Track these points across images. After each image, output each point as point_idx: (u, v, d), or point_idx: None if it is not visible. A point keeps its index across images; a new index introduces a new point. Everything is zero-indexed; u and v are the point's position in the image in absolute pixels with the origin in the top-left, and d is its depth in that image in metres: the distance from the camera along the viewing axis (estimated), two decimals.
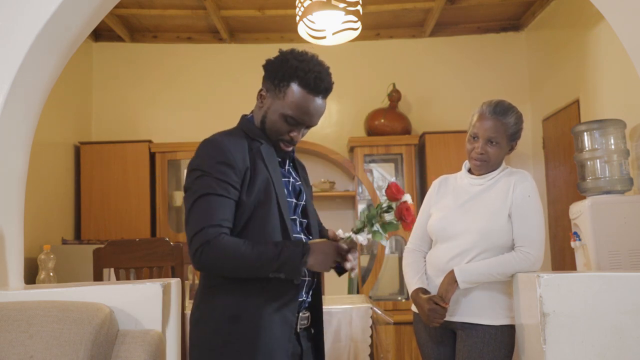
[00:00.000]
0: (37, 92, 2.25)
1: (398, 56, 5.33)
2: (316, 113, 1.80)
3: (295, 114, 1.77)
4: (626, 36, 2.33)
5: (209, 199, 1.68)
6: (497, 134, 2.26)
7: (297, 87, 1.76)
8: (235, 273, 1.71)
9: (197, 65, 5.28)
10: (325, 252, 1.70)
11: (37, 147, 2.45)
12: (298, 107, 1.77)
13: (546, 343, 1.86)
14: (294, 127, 1.80)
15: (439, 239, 2.34)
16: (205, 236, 1.65)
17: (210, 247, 1.65)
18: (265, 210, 1.73)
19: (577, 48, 4.22)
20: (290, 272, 1.67)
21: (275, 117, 1.79)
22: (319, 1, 3.25)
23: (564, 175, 4.46)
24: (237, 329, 1.70)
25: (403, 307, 4.70)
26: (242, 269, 1.69)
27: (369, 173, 5.02)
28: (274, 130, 1.81)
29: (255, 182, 1.73)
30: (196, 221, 1.68)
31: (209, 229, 1.66)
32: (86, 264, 3.31)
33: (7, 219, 2.13)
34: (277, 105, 1.78)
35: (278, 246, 1.67)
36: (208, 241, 1.65)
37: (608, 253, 3.01)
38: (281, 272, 1.67)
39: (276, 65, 1.79)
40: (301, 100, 1.76)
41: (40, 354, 1.66)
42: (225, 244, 1.66)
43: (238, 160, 1.71)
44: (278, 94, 1.78)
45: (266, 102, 1.81)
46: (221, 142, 1.74)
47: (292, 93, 1.76)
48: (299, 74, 1.75)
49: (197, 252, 1.66)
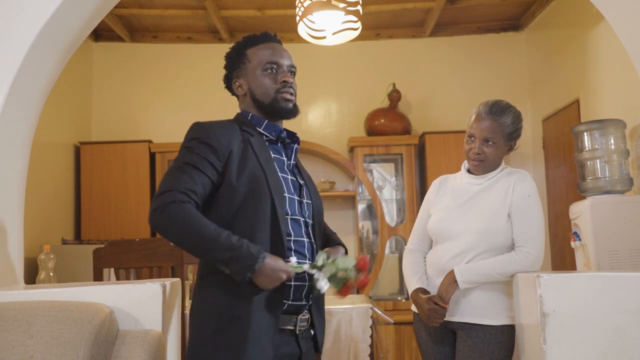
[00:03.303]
0: (37, 92, 2.25)
1: (398, 56, 5.33)
2: (282, 52, 1.89)
3: (267, 60, 1.85)
4: (626, 36, 2.33)
5: (184, 168, 1.69)
6: (494, 134, 2.27)
7: (251, 49, 1.88)
8: (184, 243, 1.68)
9: (197, 65, 5.28)
10: (274, 277, 1.66)
11: (37, 147, 2.45)
12: (264, 55, 1.86)
13: (546, 343, 1.86)
14: (276, 73, 1.86)
15: (439, 239, 2.34)
16: (171, 198, 1.64)
17: (171, 209, 1.63)
18: (255, 199, 1.72)
19: (577, 48, 4.22)
20: (234, 272, 1.64)
21: (257, 79, 1.86)
22: (319, 1, 3.25)
23: (564, 175, 4.46)
24: (226, 320, 1.69)
25: (403, 307, 4.70)
26: (193, 242, 1.65)
27: (369, 173, 5.02)
28: (264, 88, 1.85)
29: (244, 169, 1.73)
30: (165, 184, 1.68)
31: (177, 193, 1.65)
32: (86, 264, 3.31)
33: (7, 219, 2.13)
34: (250, 73, 1.87)
35: (240, 241, 1.64)
36: (171, 202, 1.63)
37: (608, 253, 3.01)
38: (228, 266, 1.64)
39: (228, 55, 1.93)
40: (262, 51, 1.87)
41: (40, 354, 1.66)
42: (189, 212, 1.64)
43: (222, 143, 1.73)
44: (244, 67, 1.88)
45: (243, 83, 1.89)
46: (208, 125, 1.78)
47: (252, 53, 1.87)
48: (245, 42, 1.90)
49: (157, 210, 1.64)
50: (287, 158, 1.89)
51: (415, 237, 2.45)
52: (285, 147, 1.90)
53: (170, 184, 1.68)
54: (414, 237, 2.46)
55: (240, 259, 1.63)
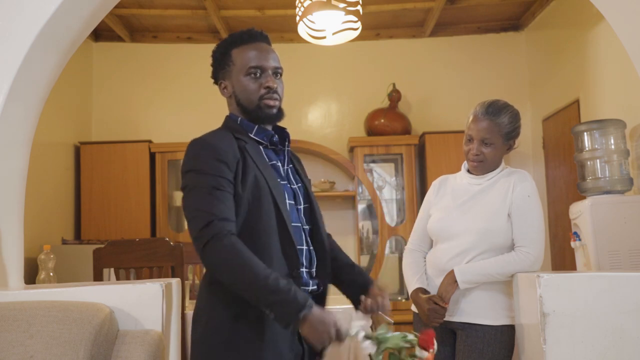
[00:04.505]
0: (37, 92, 2.25)
1: (398, 56, 5.33)
2: (267, 53, 1.82)
3: (250, 64, 1.79)
4: (626, 36, 2.33)
5: (211, 193, 1.64)
6: (491, 134, 2.27)
7: (236, 50, 1.82)
8: (235, 283, 1.61)
9: (197, 65, 5.23)
10: (321, 330, 1.56)
11: (37, 147, 2.45)
12: (248, 59, 1.79)
13: (546, 343, 1.86)
14: (260, 78, 1.80)
15: (439, 239, 2.34)
16: (214, 229, 1.59)
17: (220, 241, 1.59)
18: (260, 208, 1.69)
19: (577, 48, 4.22)
20: (278, 318, 1.57)
21: (241, 84, 1.80)
22: (319, 1, 3.25)
23: (564, 175, 4.46)
24: (240, 326, 1.67)
25: (403, 307, 4.69)
26: (243, 284, 1.59)
27: (369, 173, 5.02)
28: (247, 93, 1.80)
29: (247, 178, 1.70)
30: (201, 216, 1.62)
31: (217, 222, 1.60)
32: (86, 264, 3.31)
33: (7, 219, 2.13)
34: (235, 76, 1.81)
35: (287, 286, 1.57)
36: (217, 235, 1.59)
37: (608, 253, 3.00)
38: (272, 310, 1.56)
39: (214, 54, 1.86)
40: (246, 54, 1.80)
41: (40, 354, 1.66)
42: (240, 249, 1.59)
43: (229, 155, 1.70)
44: (229, 69, 1.82)
45: (228, 85, 1.83)
46: (210, 140, 1.74)
47: (237, 55, 1.81)
48: (231, 41, 1.82)
49: (207, 247, 1.59)
50: (281, 164, 1.84)
51: (415, 237, 2.45)
52: (277, 153, 1.85)
53: (204, 216, 1.61)
54: (413, 237, 2.46)
55: (285, 304, 1.55)
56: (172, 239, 4.26)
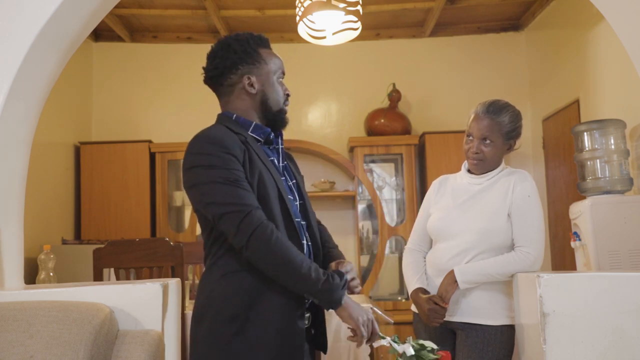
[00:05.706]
0: (37, 92, 2.25)
1: (398, 56, 5.33)
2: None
3: (283, 69, 1.87)
4: (626, 36, 2.33)
5: (235, 184, 1.64)
6: (491, 132, 2.27)
7: (263, 50, 1.85)
8: (278, 269, 1.64)
9: (197, 65, 5.20)
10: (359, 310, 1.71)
11: (37, 147, 2.45)
12: (280, 63, 1.87)
13: (546, 343, 1.86)
14: (282, 85, 1.88)
15: (439, 238, 2.34)
16: (256, 219, 1.61)
17: (265, 231, 1.61)
18: (267, 203, 1.69)
19: (577, 48, 4.22)
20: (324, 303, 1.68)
21: (273, 85, 1.84)
22: (319, 1, 3.25)
23: (564, 175, 4.46)
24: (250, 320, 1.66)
25: (403, 307, 4.70)
26: (288, 270, 1.63)
27: (369, 173, 5.02)
28: (277, 95, 1.84)
29: (254, 173, 1.70)
30: (236, 209, 1.62)
31: (255, 211, 1.62)
32: (86, 264, 3.31)
33: (7, 219, 2.12)
34: (265, 75, 1.82)
35: (325, 274, 1.66)
36: (261, 225, 1.61)
37: (608, 253, 3.00)
38: (317, 297, 1.66)
39: (232, 47, 1.82)
40: (275, 57, 1.87)
41: (40, 354, 1.66)
42: (280, 235, 1.63)
43: (236, 148, 1.69)
44: (259, 66, 1.82)
45: (257, 82, 1.81)
46: (214, 134, 1.72)
47: (267, 55, 1.84)
48: (254, 40, 1.83)
49: (253, 237, 1.60)
50: (276, 160, 1.85)
51: (415, 237, 2.45)
52: (271, 150, 1.86)
53: (237, 206, 1.62)
54: (413, 237, 2.46)
55: (329, 292, 1.65)
56: (172, 239, 4.26)
